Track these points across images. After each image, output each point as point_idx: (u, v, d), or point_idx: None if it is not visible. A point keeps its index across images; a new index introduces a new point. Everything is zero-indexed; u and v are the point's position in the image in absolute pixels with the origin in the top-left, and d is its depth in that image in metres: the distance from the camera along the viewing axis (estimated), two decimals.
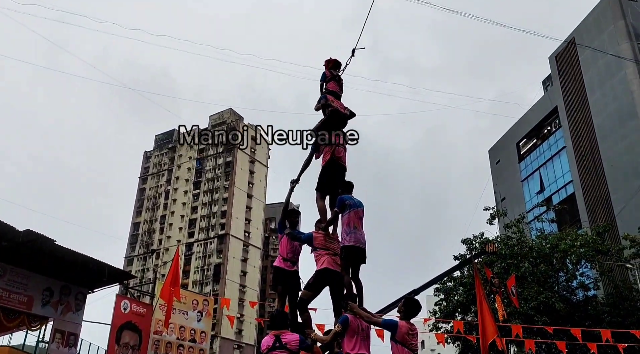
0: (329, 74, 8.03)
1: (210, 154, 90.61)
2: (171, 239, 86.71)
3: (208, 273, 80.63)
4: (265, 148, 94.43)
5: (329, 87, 7.93)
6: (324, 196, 7.18)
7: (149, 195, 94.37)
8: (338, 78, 8.05)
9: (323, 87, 8.02)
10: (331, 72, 8.04)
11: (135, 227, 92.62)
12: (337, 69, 8.10)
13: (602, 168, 31.32)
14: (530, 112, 41.18)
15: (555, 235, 23.00)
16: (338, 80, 8.04)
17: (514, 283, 14.93)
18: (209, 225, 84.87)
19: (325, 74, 8.07)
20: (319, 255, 6.58)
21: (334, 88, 7.93)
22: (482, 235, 23.80)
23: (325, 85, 8.00)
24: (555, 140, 37.39)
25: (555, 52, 37.47)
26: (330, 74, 8.02)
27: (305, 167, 7.37)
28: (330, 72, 8.04)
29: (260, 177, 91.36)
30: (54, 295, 14.63)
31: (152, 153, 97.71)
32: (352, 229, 6.45)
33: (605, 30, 32.53)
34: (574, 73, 35.19)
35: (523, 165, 40.79)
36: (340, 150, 7.34)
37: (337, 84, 7.98)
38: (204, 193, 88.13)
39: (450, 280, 23.66)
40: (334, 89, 7.92)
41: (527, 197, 38.85)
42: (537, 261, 21.37)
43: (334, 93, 7.89)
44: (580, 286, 22.49)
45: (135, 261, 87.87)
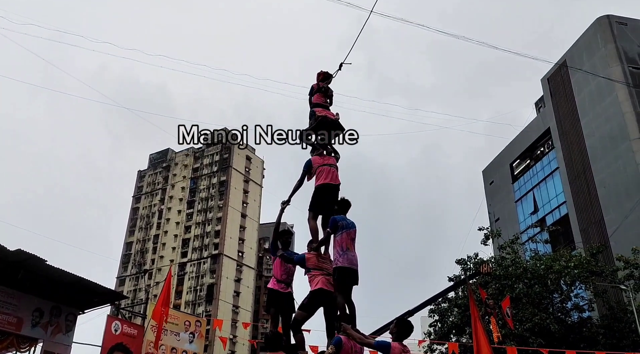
0: (316, 86, 8.16)
1: (205, 173, 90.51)
2: (164, 259, 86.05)
3: (201, 293, 79.87)
4: (259, 168, 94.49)
5: (314, 100, 8.05)
6: (316, 216, 7.14)
7: (142, 215, 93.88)
8: (325, 90, 8.14)
9: (310, 100, 8.15)
10: (319, 85, 8.16)
11: (128, 247, 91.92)
12: (327, 81, 8.23)
13: (595, 189, 31.49)
14: (524, 133, 41.51)
15: (550, 256, 23.02)
16: (325, 92, 8.13)
17: (508, 305, 14.90)
18: (202, 245, 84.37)
19: (312, 87, 8.21)
20: (312, 275, 6.55)
21: (319, 100, 8.04)
22: (476, 255, 23.77)
23: (311, 98, 8.13)
24: (549, 161, 37.64)
25: (547, 74, 37.92)
26: (318, 86, 8.14)
27: (297, 189, 7.33)
28: (318, 84, 8.17)
29: (254, 197, 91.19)
30: (44, 316, 14.41)
31: (146, 172, 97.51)
32: (345, 250, 6.44)
33: (597, 53, 33.00)
34: (566, 95, 35.58)
35: (517, 185, 40.97)
36: (333, 171, 7.35)
37: (322, 96, 8.08)
38: (197, 212, 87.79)
39: (445, 301, 23.54)
40: (319, 101, 8.03)
41: (521, 218, 38.95)
42: (531, 282, 21.32)
43: (320, 105, 7.99)
44: (575, 308, 22.42)
45: (127, 281, 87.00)
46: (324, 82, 8.21)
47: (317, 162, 7.34)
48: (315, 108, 7.87)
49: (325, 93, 8.14)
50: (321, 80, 8.22)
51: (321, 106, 7.95)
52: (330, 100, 8.20)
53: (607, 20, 33.53)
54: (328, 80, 8.25)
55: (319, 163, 7.31)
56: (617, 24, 33.34)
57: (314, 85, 8.21)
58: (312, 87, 8.20)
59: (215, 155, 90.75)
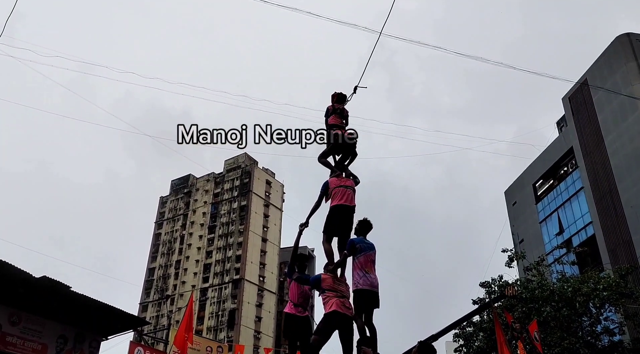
0: (332, 108, 8.19)
1: (225, 198, 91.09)
2: (186, 284, 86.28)
3: (222, 318, 79.67)
4: (279, 192, 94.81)
5: (330, 121, 8.08)
6: (330, 239, 7.08)
7: (164, 240, 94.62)
8: (340, 111, 8.18)
9: (326, 121, 8.18)
10: (334, 106, 8.19)
11: (150, 272, 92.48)
12: (342, 103, 8.26)
13: (622, 209, 30.81)
14: (546, 152, 41.01)
15: (577, 277, 22.46)
16: (340, 113, 8.18)
17: (536, 328, 14.50)
18: (223, 270, 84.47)
19: (328, 109, 8.23)
20: (327, 297, 6.45)
21: (335, 121, 8.06)
22: (501, 277, 23.33)
23: (327, 119, 8.16)
24: (573, 181, 37.03)
25: (568, 93, 37.59)
26: (333, 108, 8.17)
27: (315, 210, 7.28)
28: (333, 106, 8.20)
29: (274, 221, 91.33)
30: (68, 343, 14.51)
31: (167, 198, 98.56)
32: (365, 273, 6.38)
33: (618, 71, 32.66)
34: (588, 114, 35.17)
35: (540, 206, 40.30)
36: (349, 193, 7.32)
37: (338, 117, 8.12)
38: (218, 237, 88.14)
39: (470, 325, 23.06)
40: (335, 122, 8.06)
41: (546, 239, 38.20)
42: (559, 305, 20.76)
43: (337, 126, 8.03)
44: (605, 331, 21.75)
45: (149, 307, 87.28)
46: (338, 103, 8.24)
47: (334, 183, 7.33)
48: (332, 130, 7.91)
49: (341, 115, 8.18)
50: (336, 101, 8.25)
51: (337, 127, 7.98)
52: (346, 120, 8.23)
53: (628, 38, 33.27)
54: (343, 102, 8.28)
55: (335, 184, 7.30)
56: (637, 41, 33.05)
57: (329, 107, 8.23)
58: (328, 109, 8.23)
59: (235, 180, 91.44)
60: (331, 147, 7.84)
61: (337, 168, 7.72)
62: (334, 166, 7.79)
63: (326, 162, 7.85)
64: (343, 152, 7.85)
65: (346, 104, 8.33)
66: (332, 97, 8.29)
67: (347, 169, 7.73)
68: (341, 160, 7.85)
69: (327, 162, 7.85)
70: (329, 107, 8.23)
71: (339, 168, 7.67)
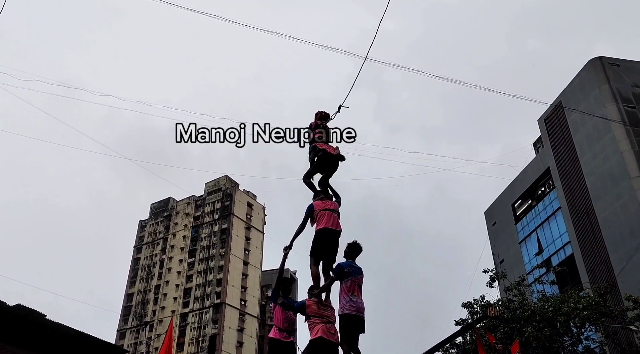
0: (314, 124, 8.30)
1: (206, 221, 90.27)
2: (165, 310, 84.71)
3: (203, 344, 78.13)
4: (261, 214, 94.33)
5: (316, 135, 8.18)
6: (317, 262, 7.08)
7: (143, 265, 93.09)
8: (324, 127, 8.32)
9: (311, 136, 8.27)
10: (317, 123, 8.30)
11: (128, 298, 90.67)
12: (325, 121, 8.40)
13: (599, 228, 31.31)
14: (524, 173, 41.64)
15: (558, 297, 22.63)
16: (324, 129, 8.31)
17: (518, 349, 14.55)
18: (204, 294, 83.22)
19: (311, 125, 8.34)
20: (312, 323, 6.44)
21: (320, 135, 8.18)
22: (482, 298, 23.40)
23: (312, 134, 8.24)
24: (550, 201, 37.59)
25: (544, 115, 38.40)
26: (316, 124, 8.29)
27: (299, 233, 7.29)
28: (316, 122, 8.31)
29: (256, 243, 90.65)
30: None
31: (147, 222, 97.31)
32: (351, 297, 6.36)
33: (591, 93, 33.52)
34: (563, 135, 35.91)
35: (520, 226, 40.75)
36: (334, 217, 7.34)
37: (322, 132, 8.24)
38: (199, 261, 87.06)
39: (453, 347, 23.01)
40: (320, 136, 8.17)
41: (526, 259, 38.55)
42: (540, 325, 20.87)
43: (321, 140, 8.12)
44: (586, 351, 21.87)
45: (127, 334, 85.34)
46: (322, 120, 8.37)
47: (319, 206, 7.36)
48: (316, 143, 8.00)
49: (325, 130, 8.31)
50: (319, 118, 8.38)
51: (322, 141, 8.08)
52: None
53: (600, 61, 34.25)
54: (326, 120, 8.41)
55: (320, 208, 7.32)
56: (609, 64, 34.02)
57: (312, 123, 8.35)
58: (311, 125, 8.35)
59: (216, 203, 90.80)
60: (316, 166, 7.89)
61: (320, 189, 7.75)
62: (318, 184, 7.84)
63: (310, 184, 7.88)
64: (327, 170, 7.90)
65: (329, 122, 8.46)
66: (316, 115, 8.43)
67: (329, 192, 7.76)
68: (324, 179, 7.89)
69: (312, 183, 7.88)
70: (312, 123, 8.35)
71: (323, 191, 7.71)
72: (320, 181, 7.92)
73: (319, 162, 7.84)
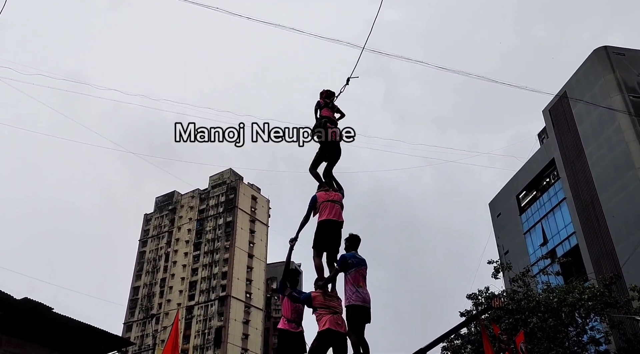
0: (322, 102, 8.36)
1: (211, 214, 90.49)
2: (171, 302, 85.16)
3: (209, 336, 78.62)
4: (265, 207, 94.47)
5: (323, 113, 8.28)
6: (320, 254, 7.13)
7: (149, 258, 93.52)
8: (332, 106, 8.41)
9: (318, 113, 8.35)
10: (325, 101, 8.37)
11: (134, 291, 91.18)
12: (331, 98, 8.46)
13: (604, 219, 31.21)
14: (528, 164, 41.52)
15: (562, 288, 22.63)
16: (332, 107, 8.41)
17: (522, 340, 14.54)
18: (209, 287, 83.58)
19: (319, 102, 8.41)
20: (319, 314, 6.49)
21: (328, 113, 8.29)
22: (487, 289, 23.44)
23: (319, 112, 8.33)
24: (555, 192, 37.48)
25: (548, 105, 38.20)
26: (325, 102, 8.36)
27: (304, 225, 7.33)
28: (324, 100, 8.38)
29: (261, 236, 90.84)
30: None
31: (152, 216, 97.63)
32: (357, 288, 6.39)
33: (596, 83, 33.30)
34: (568, 125, 35.73)
35: (524, 217, 40.69)
36: (337, 208, 7.35)
37: (330, 110, 8.36)
38: (204, 254, 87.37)
39: (458, 338, 23.07)
40: (328, 115, 8.28)
41: (531, 250, 38.52)
42: (545, 316, 20.89)
43: (329, 119, 8.22)
44: (591, 341, 21.89)
45: (134, 326, 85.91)
46: (328, 98, 8.45)
47: (322, 197, 7.38)
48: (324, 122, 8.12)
49: (332, 108, 8.42)
50: (325, 97, 8.45)
51: (330, 120, 8.19)
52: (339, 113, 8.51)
53: (605, 51, 33.98)
54: (332, 97, 8.50)
55: (323, 199, 7.34)
56: (614, 54, 33.76)
57: (319, 101, 8.43)
58: (319, 103, 8.43)
59: (220, 196, 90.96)
60: (319, 154, 7.92)
61: (325, 179, 7.79)
62: (323, 175, 7.86)
63: (317, 174, 7.91)
64: (331, 157, 7.91)
65: (335, 100, 8.52)
66: (321, 94, 8.49)
67: (333, 184, 7.79)
68: (328, 169, 7.90)
69: (318, 174, 7.91)
70: (319, 101, 8.41)
71: (327, 182, 7.74)
72: (325, 171, 7.94)
73: (321, 149, 7.88)
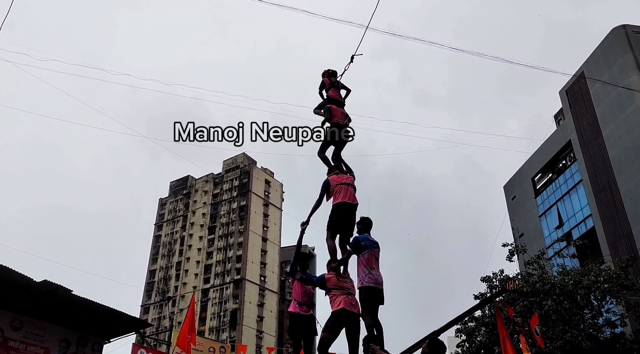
0: (328, 82, 8.31)
1: (225, 199, 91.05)
2: (187, 285, 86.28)
3: (224, 319, 79.70)
4: (279, 191, 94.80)
5: (330, 94, 8.25)
6: (334, 236, 7.14)
7: (164, 242, 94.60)
8: (337, 85, 8.38)
9: (323, 94, 8.33)
10: (330, 80, 8.32)
11: (151, 274, 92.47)
12: (334, 78, 8.42)
13: (621, 201, 30.81)
14: (544, 146, 41.02)
15: (578, 270, 22.49)
16: (337, 86, 8.39)
17: (537, 322, 14.50)
18: (224, 270, 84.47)
19: (324, 82, 8.37)
20: (333, 295, 6.52)
21: (335, 95, 8.27)
22: (501, 272, 23.36)
23: (326, 93, 8.31)
24: (571, 174, 37.04)
25: (565, 86, 37.59)
26: (330, 82, 8.31)
27: (316, 209, 7.32)
28: (329, 80, 8.34)
29: (274, 220, 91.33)
30: (70, 346, 14.50)
31: (167, 200, 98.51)
32: (370, 270, 6.41)
33: (615, 63, 32.65)
34: (585, 106, 35.16)
35: (540, 199, 40.32)
36: (350, 191, 7.35)
37: (335, 90, 8.34)
38: (219, 238, 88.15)
39: (472, 320, 23.09)
40: (335, 96, 8.27)
41: (546, 233, 38.22)
42: (560, 298, 20.80)
43: (336, 101, 8.19)
44: (607, 323, 21.79)
45: (151, 309, 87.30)
46: (332, 78, 8.39)
47: (335, 180, 7.38)
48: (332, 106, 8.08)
49: (338, 87, 8.39)
50: (328, 76, 8.38)
51: (337, 102, 8.18)
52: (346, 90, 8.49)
53: (624, 30, 33.24)
54: (335, 77, 8.43)
55: (336, 182, 7.35)
56: (633, 33, 33.02)
57: (324, 80, 8.38)
58: (323, 82, 8.39)
59: (234, 180, 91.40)
60: (327, 138, 7.91)
61: (334, 162, 7.78)
62: (332, 159, 7.85)
63: (325, 158, 7.89)
64: (338, 142, 7.92)
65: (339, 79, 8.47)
66: (323, 74, 8.44)
67: (342, 167, 7.77)
68: (337, 152, 7.92)
69: (326, 158, 7.88)
70: (324, 80, 8.36)
71: (337, 165, 7.73)
72: (334, 154, 7.92)
73: (331, 137, 7.87)
